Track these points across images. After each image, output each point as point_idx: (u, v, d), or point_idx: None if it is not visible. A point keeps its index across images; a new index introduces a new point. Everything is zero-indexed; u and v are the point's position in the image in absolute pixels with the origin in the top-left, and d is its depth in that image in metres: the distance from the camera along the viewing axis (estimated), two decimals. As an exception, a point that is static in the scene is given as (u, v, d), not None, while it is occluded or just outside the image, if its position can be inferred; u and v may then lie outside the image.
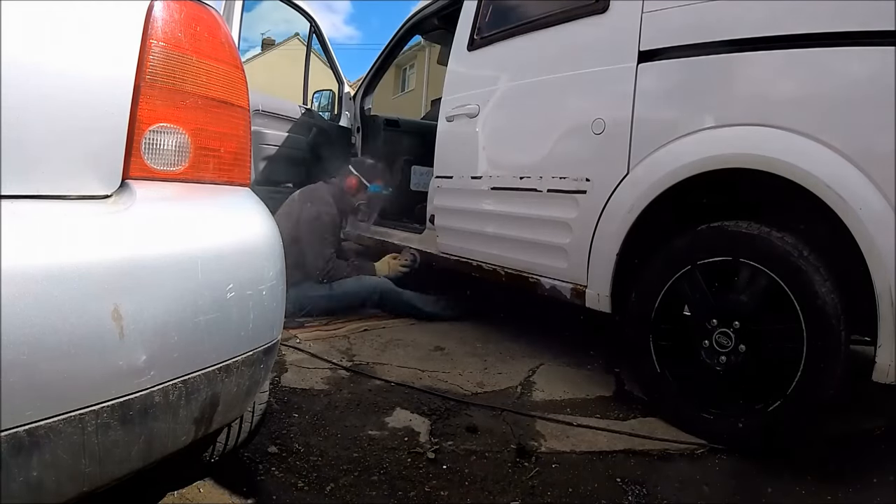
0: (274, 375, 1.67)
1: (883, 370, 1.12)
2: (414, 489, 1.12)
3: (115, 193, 0.66)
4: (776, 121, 1.26)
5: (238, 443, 1.04)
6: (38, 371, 0.52)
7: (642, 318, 1.50)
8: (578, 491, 1.15)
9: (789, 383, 1.23)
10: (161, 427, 0.65)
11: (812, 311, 1.20)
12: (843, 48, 1.17)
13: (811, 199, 1.19)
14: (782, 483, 1.20)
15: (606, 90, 1.65)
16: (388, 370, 1.80)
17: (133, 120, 0.67)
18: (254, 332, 0.75)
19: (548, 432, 1.41)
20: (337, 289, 2.42)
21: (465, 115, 2.22)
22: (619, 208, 1.57)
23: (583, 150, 1.72)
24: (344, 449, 1.27)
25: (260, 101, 2.75)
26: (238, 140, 0.82)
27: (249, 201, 0.83)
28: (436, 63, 4.84)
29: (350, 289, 2.44)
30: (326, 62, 3.58)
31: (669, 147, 1.46)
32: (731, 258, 1.33)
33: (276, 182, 3.00)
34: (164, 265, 0.64)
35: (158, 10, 0.70)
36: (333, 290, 2.41)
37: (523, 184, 1.92)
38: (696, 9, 1.43)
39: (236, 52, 0.82)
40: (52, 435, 0.53)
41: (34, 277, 0.52)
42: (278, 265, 0.81)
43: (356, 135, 3.46)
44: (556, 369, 1.89)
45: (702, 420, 1.38)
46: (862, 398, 1.59)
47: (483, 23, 2.22)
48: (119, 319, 0.57)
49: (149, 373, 0.61)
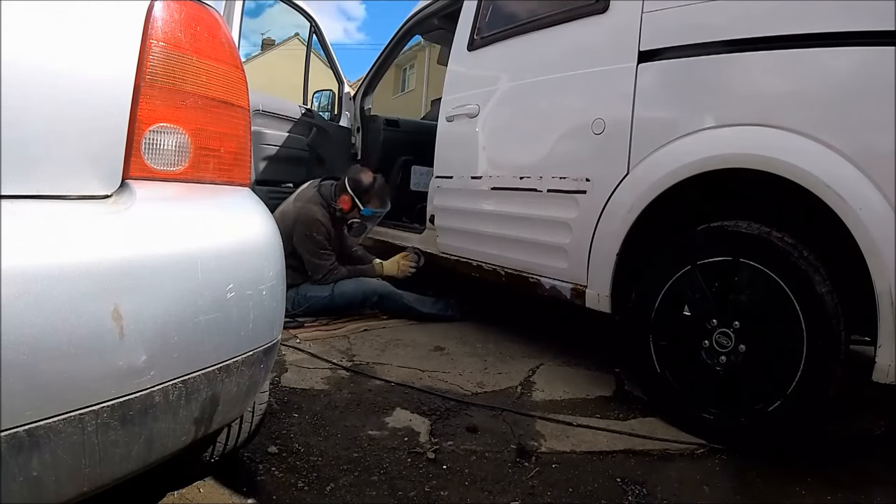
0: (274, 375, 1.67)
1: (883, 370, 1.12)
2: (414, 489, 1.12)
3: (116, 193, 0.66)
4: (776, 121, 1.26)
5: (238, 443, 1.04)
6: (38, 371, 0.52)
7: (642, 318, 1.50)
8: (578, 491, 1.15)
9: (789, 383, 1.23)
10: (161, 427, 0.65)
11: (812, 311, 1.20)
12: (843, 48, 1.17)
13: (811, 199, 1.19)
14: (782, 483, 1.20)
15: (606, 90, 1.65)
16: (388, 370, 1.80)
17: (133, 120, 0.67)
18: (254, 332, 0.75)
19: (548, 432, 1.41)
20: (337, 290, 2.41)
21: (465, 115, 2.22)
22: (619, 208, 1.57)
23: (583, 151, 1.72)
24: (344, 449, 1.27)
25: (260, 101, 2.75)
26: (238, 140, 0.82)
27: (249, 201, 0.83)
28: (436, 63, 4.84)
29: (349, 290, 2.43)
30: (326, 62, 3.58)
31: (669, 147, 1.46)
32: (731, 258, 1.33)
33: (276, 182, 3.00)
34: (164, 265, 0.64)
35: (158, 10, 0.70)
36: (333, 291, 2.41)
37: (523, 184, 1.92)
38: (695, 9, 1.43)
39: (236, 52, 0.82)
40: (52, 435, 0.53)
41: (34, 277, 0.52)
42: (278, 265, 0.81)
43: (356, 135, 3.46)
44: (556, 369, 1.89)
45: (702, 420, 1.38)
46: (862, 398, 1.60)
47: (483, 23, 2.23)
48: (119, 319, 0.57)
49: (149, 373, 0.61)
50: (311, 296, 2.40)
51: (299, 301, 2.40)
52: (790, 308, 1.23)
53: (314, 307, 2.40)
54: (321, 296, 2.40)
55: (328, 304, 2.41)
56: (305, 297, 2.40)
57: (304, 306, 2.39)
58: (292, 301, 2.38)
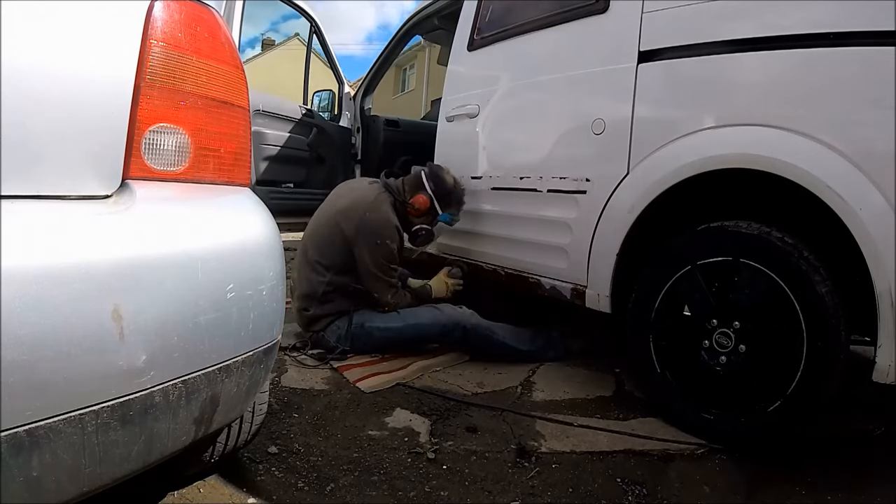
0: (274, 375, 1.67)
1: (883, 370, 1.11)
2: (414, 489, 1.12)
3: (116, 193, 0.66)
4: (776, 121, 1.26)
5: (238, 443, 1.04)
6: (38, 371, 0.52)
7: (642, 318, 1.50)
8: (578, 491, 1.15)
9: (789, 383, 1.23)
10: (161, 427, 0.65)
11: (812, 311, 1.20)
12: (844, 48, 1.17)
13: (811, 199, 1.19)
14: (782, 483, 1.20)
15: (606, 90, 1.65)
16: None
17: (133, 120, 0.67)
18: (254, 332, 0.75)
19: (548, 432, 1.41)
20: (410, 319, 1.87)
21: (465, 116, 2.22)
22: (620, 208, 1.57)
23: (583, 151, 1.72)
24: (344, 449, 1.27)
25: (260, 101, 2.75)
26: (238, 140, 0.82)
27: (249, 201, 0.83)
28: (436, 63, 4.83)
29: (425, 320, 1.87)
30: (326, 62, 3.58)
31: (669, 147, 1.46)
32: (731, 258, 1.33)
33: (276, 182, 3.00)
34: (164, 265, 0.64)
35: (158, 11, 0.70)
36: (406, 322, 1.87)
37: (523, 184, 1.92)
38: (696, 9, 1.43)
39: (236, 53, 0.82)
40: (52, 435, 0.53)
41: (34, 277, 0.52)
42: (278, 265, 0.81)
43: (356, 135, 3.46)
44: (556, 369, 1.89)
45: (702, 420, 1.38)
46: (862, 398, 1.60)
47: (483, 23, 2.22)
48: (119, 319, 0.57)
49: (149, 373, 0.61)
50: (378, 327, 1.85)
51: (357, 334, 1.84)
52: (790, 308, 1.22)
53: (379, 343, 1.87)
54: (392, 327, 1.85)
55: (397, 337, 1.87)
56: (367, 330, 1.85)
57: (365, 341, 1.85)
58: (339, 334, 1.85)
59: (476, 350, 1.91)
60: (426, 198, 1.98)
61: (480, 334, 1.88)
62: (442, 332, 1.86)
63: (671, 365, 1.45)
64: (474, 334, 1.87)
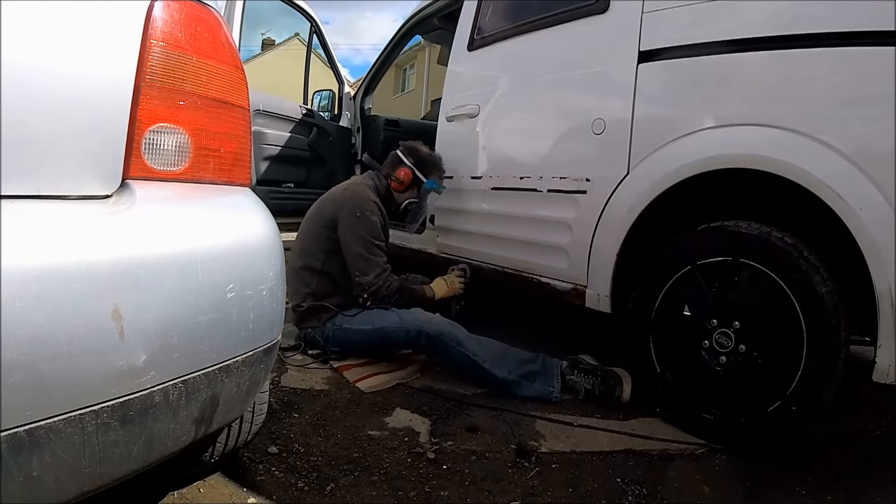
0: (274, 375, 1.66)
1: (883, 370, 1.11)
2: (414, 489, 1.12)
3: (116, 193, 0.66)
4: (776, 121, 1.26)
5: (238, 443, 1.04)
6: (38, 371, 0.52)
7: (642, 318, 1.50)
8: (578, 491, 1.15)
9: (789, 383, 1.23)
10: (161, 427, 0.65)
11: (812, 311, 1.20)
12: (844, 48, 1.17)
13: (811, 199, 1.19)
14: (782, 483, 1.20)
15: (606, 90, 1.65)
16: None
17: (133, 120, 0.67)
18: (254, 332, 0.75)
19: (548, 432, 1.41)
20: (377, 323, 1.78)
21: (465, 115, 2.22)
22: (620, 208, 1.57)
23: (583, 151, 1.72)
24: (344, 449, 1.27)
25: (260, 100, 2.75)
26: (238, 140, 0.82)
27: (249, 201, 0.83)
28: (436, 63, 4.84)
29: (390, 324, 1.76)
30: (326, 62, 3.58)
31: (670, 147, 1.46)
32: (731, 258, 1.33)
33: (276, 182, 3.00)
34: (164, 265, 0.64)
35: (158, 10, 0.70)
36: (374, 324, 1.79)
37: (523, 184, 1.92)
38: (696, 9, 1.43)
39: (236, 52, 0.82)
40: (52, 435, 0.53)
41: (34, 277, 0.52)
42: (278, 265, 0.81)
43: (356, 135, 3.46)
44: (556, 369, 1.88)
45: (702, 420, 1.38)
46: (862, 398, 1.60)
47: (483, 23, 2.22)
48: (119, 319, 0.57)
49: (149, 373, 0.61)
50: (353, 329, 1.80)
51: (335, 334, 1.83)
52: (790, 308, 1.22)
53: (354, 346, 1.82)
54: (364, 329, 1.79)
55: (367, 341, 1.80)
56: (342, 331, 1.82)
57: (342, 343, 1.82)
58: (327, 335, 1.84)
59: (441, 362, 1.78)
60: (407, 169, 2.07)
61: (444, 344, 1.69)
62: (407, 338, 1.74)
63: (671, 365, 1.45)
64: (439, 343, 1.69)
